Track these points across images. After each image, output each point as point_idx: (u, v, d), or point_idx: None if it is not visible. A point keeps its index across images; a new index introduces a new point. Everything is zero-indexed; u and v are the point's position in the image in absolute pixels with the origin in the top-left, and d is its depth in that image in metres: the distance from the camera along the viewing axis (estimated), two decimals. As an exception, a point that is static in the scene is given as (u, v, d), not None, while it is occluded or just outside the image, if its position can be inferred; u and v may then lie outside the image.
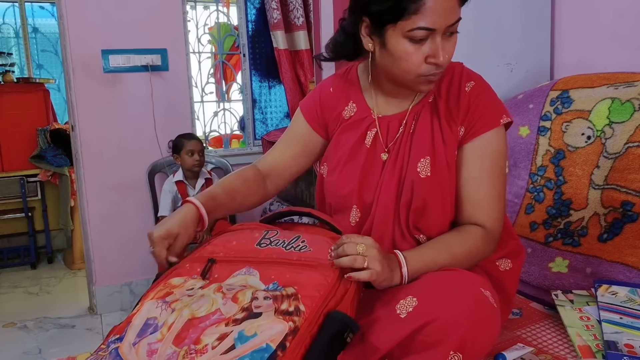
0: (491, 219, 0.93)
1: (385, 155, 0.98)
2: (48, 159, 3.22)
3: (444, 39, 0.86)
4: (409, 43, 0.86)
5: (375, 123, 1.00)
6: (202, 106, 2.93)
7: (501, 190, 0.95)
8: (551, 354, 0.94)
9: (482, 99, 0.94)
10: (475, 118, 0.93)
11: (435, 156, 0.94)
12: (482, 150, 0.94)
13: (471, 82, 0.96)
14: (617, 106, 1.27)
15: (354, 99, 1.03)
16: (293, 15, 3.16)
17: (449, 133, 0.94)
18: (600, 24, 1.56)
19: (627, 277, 1.12)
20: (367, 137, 1.00)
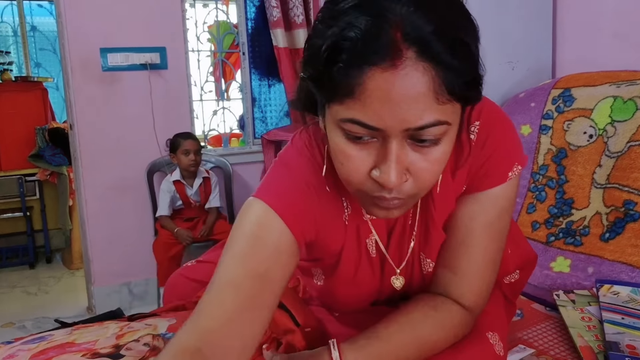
0: (472, 296, 0.71)
1: (399, 281, 0.76)
2: (46, 158, 3.21)
3: (411, 148, 0.55)
4: (345, 140, 0.55)
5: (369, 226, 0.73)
6: (201, 105, 2.92)
7: (493, 256, 0.73)
8: (552, 355, 0.93)
9: (490, 145, 0.69)
10: (478, 175, 0.70)
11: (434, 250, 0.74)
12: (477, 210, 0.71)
13: (476, 122, 0.68)
14: (619, 105, 1.26)
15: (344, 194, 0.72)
16: (293, 13, 3.14)
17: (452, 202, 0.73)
18: (602, 22, 1.55)
19: (629, 277, 1.11)
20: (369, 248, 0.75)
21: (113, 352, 0.68)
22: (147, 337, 0.73)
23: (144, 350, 0.69)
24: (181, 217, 2.49)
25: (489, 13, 1.56)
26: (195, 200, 2.51)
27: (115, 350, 0.69)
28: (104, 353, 0.68)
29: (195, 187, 2.49)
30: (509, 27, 1.61)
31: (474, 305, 0.72)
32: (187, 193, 2.48)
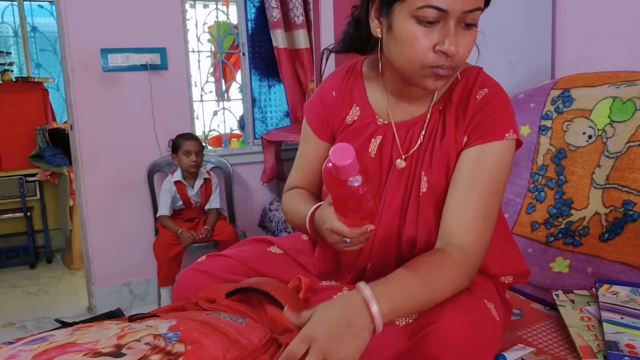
0: (469, 242, 0.81)
1: (403, 163, 0.90)
2: (47, 158, 3.21)
3: (459, 30, 0.77)
4: (417, 25, 0.77)
5: (381, 130, 0.92)
6: (201, 105, 2.93)
7: (490, 209, 0.84)
8: (552, 354, 0.94)
9: (491, 108, 0.85)
10: (478, 125, 0.85)
11: (432, 172, 0.87)
12: (479, 160, 0.84)
13: (485, 89, 0.87)
14: (618, 105, 1.26)
15: (358, 101, 0.95)
16: (293, 13, 3.15)
17: (452, 143, 0.87)
18: (601, 23, 1.55)
19: (628, 277, 1.11)
20: (372, 145, 0.92)
21: (114, 351, 0.69)
22: (148, 337, 0.73)
23: (145, 349, 0.69)
24: (181, 218, 2.49)
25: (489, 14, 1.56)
26: (196, 201, 2.51)
27: (117, 350, 0.69)
28: (106, 352, 0.68)
29: (196, 187, 2.50)
30: (508, 28, 1.61)
31: (473, 248, 0.81)
32: (188, 193, 2.49)
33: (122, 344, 0.70)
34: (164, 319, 0.82)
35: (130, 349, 0.68)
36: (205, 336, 0.74)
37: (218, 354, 0.71)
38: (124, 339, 0.72)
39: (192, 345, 0.71)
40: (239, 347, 0.74)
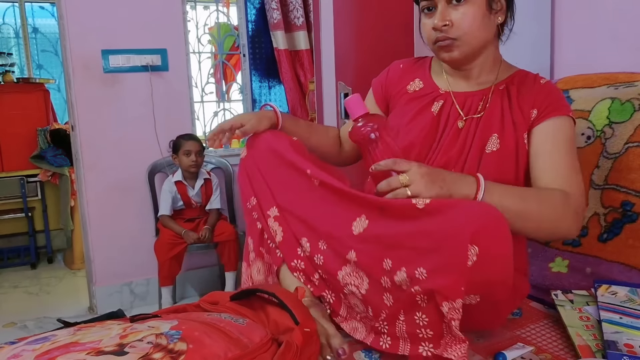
0: (572, 186, 0.92)
1: (462, 123, 1.02)
2: (48, 159, 3.22)
3: (448, 7, 0.96)
4: (423, 15, 0.99)
5: (443, 97, 1.06)
6: (202, 106, 2.93)
7: (575, 163, 0.96)
8: (551, 353, 0.94)
9: (556, 91, 1.01)
10: (548, 102, 0.98)
11: (504, 134, 0.98)
12: (555, 130, 0.97)
13: (545, 79, 1.03)
14: (617, 106, 1.27)
15: (421, 76, 1.11)
16: (293, 15, 3.16)
17: (519, 115, 0.99)
18: (600, 24, 1.56)
19: (627, 277, 1.12)
20: (434, 106, 1.05)
21: (117, 350, 0.69)
22: (150, 336, 0.73)
23: (148, 347, 0.70)
24: (182, 218, 2.50)
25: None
26: (197, 201, 2.52)
27: (119, 349, 0.69)
28: (108, 351, 0.69)
29: (197, 188, 2.51)
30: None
31: (573, 193, 0.92)
32: (189, 194, 2.49)
33: (125, 343, 0.70)
34: (165, 320, 0.83)
35: (132, 347, 0.69)
36: (207, 335, 0.75)
37: (219, 352, 0.72)
38: (126, 339, 0.72)
39: (193, 343, 0.72)
40: (240, 346, 0.75)
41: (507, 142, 0.98)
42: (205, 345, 0.72)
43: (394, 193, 0.82)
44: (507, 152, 0.98)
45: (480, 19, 0.97)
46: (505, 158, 0.98)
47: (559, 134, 0.97)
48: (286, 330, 0.84)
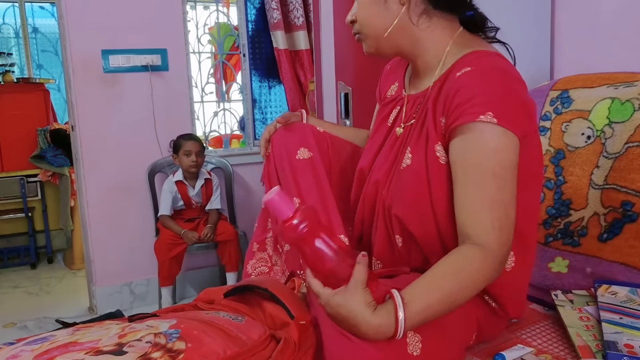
0: (482, 233, 0.76)
1: (400, 130, 0.95)
2: (48, 159, 3.22)
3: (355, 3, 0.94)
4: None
5: (400, 102, 0.99)
6: (202, 106, 2.93)
7: (496, 197, 0.77)
8: (551, 354, 0.94)
9: (467, 86, 0.80)
10: (452, 107, 0.81)
11: (417, 147, 0.87)
12: (464, 149, 0.80)
13: (468, 68, 0.82)
14: (617, 106, 1.27)
15: (398, 78, 1.04)
16: (293, 15, 3.16)
17: (431, 124, 0.86)
18: (600, 24, 1.56)
19: (627, 277, 1.12)
20: (391, 115, 1.00)
21: (116, 349, 0.69)
22: (149, 336, 0.74)
23: (147, 346, 0.70)
24: (182, 218, 2.50)
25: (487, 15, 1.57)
26: (197, 201, 2.52)
27: (118, 348, 0.69)
28: (107, 350, 0.69)
29: (197, 188, 2.50)
30: (507, 29, 1.61)
31: (486, 242, 0.76)
32: (189, 194, 2.49)
33: (124, 343, 0.71)
34: (163, 319, 0.83)
35: (131, 347, 0.69)
36: (206, 334, 0.75)
37: (218, 350, 0.72)
38: (125, 338, 0.72)
39: (192, 342, 0.72)
40: (239, 343, 0.75)
41: (418, 157, 0.87)
42: (204, 343, 0.72)
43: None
44: (417, 169, 0.86)
45: (372, 5, 0.89)
46: (415, 175, 0.86)
47: (465, 154, 0.80)
48: (283, 324, 0.85)
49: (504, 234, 0.78)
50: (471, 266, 0.75)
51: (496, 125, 0.78)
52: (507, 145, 0.79)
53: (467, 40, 0.92)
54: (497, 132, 0.78)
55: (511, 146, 0.79)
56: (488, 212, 0.77)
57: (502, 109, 0.79)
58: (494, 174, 0.78)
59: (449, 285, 0.74)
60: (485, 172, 0.78)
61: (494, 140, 0.78)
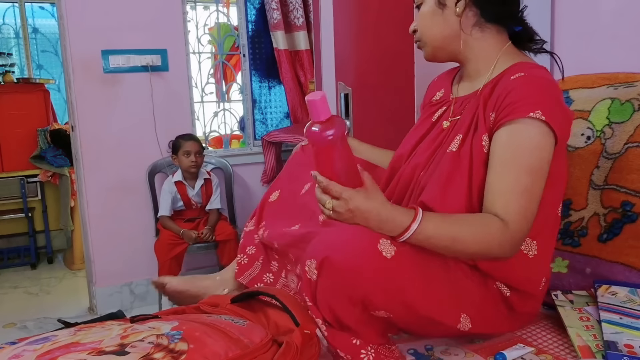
0: (509, 213, 0.85)
1: (447, 123, 1.03)
2: (48, 159, 3.22)
3: (417, 13, 1.04)
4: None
5: (448, 103, 1.07)
6: (202, 106, 2.93)
7: (529, 187, 0.87)
8: (551, 354, 0.94)
9: (520, 87, 0.90)
10: (507, 103, 0.90)
11: (466, 136, 0.95)
12: (507, 139, 0.89)
13: (521, 73, 0.92)
14: (616, 106, 1.27)
15: (445, 86, 1.12)
16: (293, 15, 3.16)
17: (482, 118, 0.95)
18: (600, 25, 1.56)
19: (627, 277, 1.12)
20: (437, 113, 1.07)
21: (118, 349, 0.69)
22: (151, 337, 0.74)
23: (149, 347, 0.70)
24: (182, 218, 2.50)
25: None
26: (197, 202, 2.52)
27: (121, 348, 0.70)
28: (109, 351, 0.69)
29: (197, 188, 2.51)
30: (508, 29, 1.62)
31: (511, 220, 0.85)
32: (189, 194, 2.49)
33: (126, 343, 0.71)
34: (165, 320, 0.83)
35: (133, 347, 0.69)
36: (207, 335, 0.75)
37: (220, 352, 0.72)
38: (127, 339, 0.72)
39: (194, 343, 0.72)
40: (241, 346, 0.75)
41: (465, 144, 0.95)
42: (206, 345, 0.72)
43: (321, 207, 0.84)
44: (462, 153, 0.94)
45: (431, 16, 1.01)
46: (460, 160, 0.94)
47: (509, 144, 0.89)
48: (287, 331, 0.85)
49: (526, 222, 0.87)
50: (488, 228, 0.85)
51: (543, 123, 0.87)
52: (547, 144, 0.89)
53: (515, 52, 1.03)
54: (543, 130, 0.88)
55: (550, 146, 0.89)
56: (518, 198, 0.86)
57: (551, 110, 0.88)
58: (531, 167, 0.88)
59: (462, 230, 0.84)
60: (524, 163, 0.87)
61: (538, 136, 0.88)
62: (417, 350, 0.97)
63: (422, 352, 0.97)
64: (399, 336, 1.03)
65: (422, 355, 0.96)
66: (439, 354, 0.96)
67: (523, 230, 0.87)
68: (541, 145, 0.88)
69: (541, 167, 0.89)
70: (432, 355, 0.96)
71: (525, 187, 0.87)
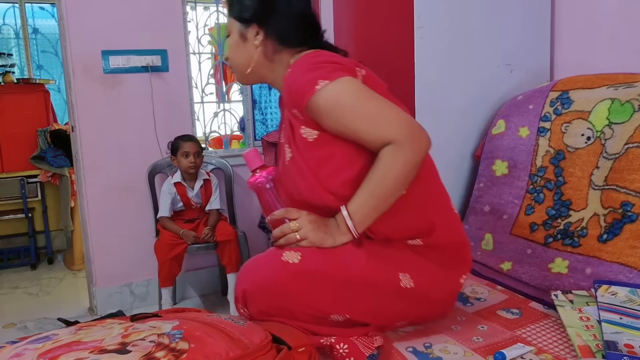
0: (387, 135, 0.94)
1: (282, 139, 1.10)
2: (48, 159, 3.22)
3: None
4: None
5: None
6: (202, 107, 2.93)
7: (377, 107, 0.96)
8: (551, 353, 0.95)
9: (291, 81, 0.99)
10: (293, 97, 0.98)
11: (289, 141, 1.03)
12: (323, 112, 0.95)
13: (288, 70, 1.02)
14: (616, 107, 1.27)
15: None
16: (293, 16, 3.16)
17: (292, 117, 1.02)
18: (600, 25, 1.56)
19: (627, 278, 1.12)
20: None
21: (120, 348, 0.70)
22: (152, 336, 0.74)
23: (150, 346, 0.70)
24: (182, 219, 2.50)
25: (488, 16, 1.58)
26: (196, 202, 2.52)
27: (122, 347, 0.70)
28: (111, 349, 0.69)
29: (196, 189, 2.50)
30: (507, 30, 1.62)
31: (395, 137, 0.94)
32: (188, 195, 2.49)
33: (127, 342, 0.71)
34: (166, 320, 0.83)
35: (135, 346, 0.70)
36: (208, 335, 0.75)
37: (221, 352, 0.72)
38: (128, 338, 0.73)
39: (195, 343, 0.72)
40: (241, 346, 0.76)
41: (291, 146, 1.02)
42: (207, 344, 0.73)
43: (286, 238, 0.97)
44: (296, 160, 1.01)
45: (235, 48, 1.10)
46: (296, 164, 1.01)
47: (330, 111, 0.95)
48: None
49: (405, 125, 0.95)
50: (389, 158, 0.94)
51: (332, 82, 0.95)
52: (348, 84, 0.96)
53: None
54: (340, 85, 0.95)
55: (349, 83, 0.96)
56: (383, 120, 0.95)
57: (327, 72, 0.96)
58: (360, 100, 0.96)
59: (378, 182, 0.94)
60: (352, 103, 0.95)
61: (343, 85, 0.95)
62: (416, 348, 0.98)
63: (421, 350, 0.97)
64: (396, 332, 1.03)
65: (421, 353, 0.96)
66: (438, 352, 0.96)
67: (412, 130, 0.95)
68: (352, 87, 0.96)
69: (368, 91, 0.97)
70: (431, 353, 0.96)
71: (377, 110, 0.96)
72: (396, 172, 0.94)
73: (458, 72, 1.55)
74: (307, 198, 1.01)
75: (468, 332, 1.04)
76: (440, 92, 1.53)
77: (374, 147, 0.96)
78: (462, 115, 1.60)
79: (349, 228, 0.96)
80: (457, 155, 1.62)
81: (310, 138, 0.99)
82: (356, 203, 0.95)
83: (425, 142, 0.97)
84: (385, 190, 0.94)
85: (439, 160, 1.09)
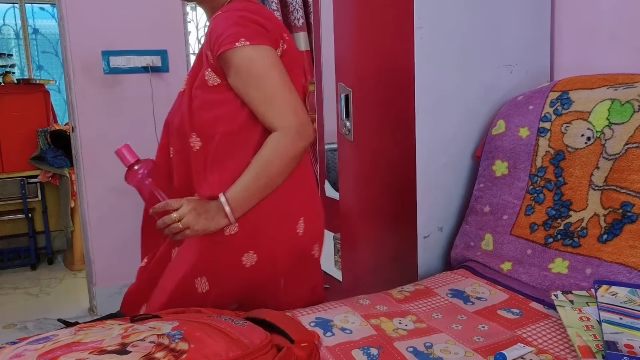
0: (276, 118, 0.98)
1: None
2: (48, 160, 3.22)
3: None
4: None
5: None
6: (202, 107, 2.94)
7: (274, 91, 0.99)
8: (552, 353, 0.94)
9: (216, 23, 1.01)
10: (213, 42, 1.00)
11: (190, 76, 1.10)
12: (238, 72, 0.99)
13: (219, 12, 1.03)
14: (616, 107, 1.27)
15: None
16: (293, 16, 3.16)
17: (203, 57, 1.05)
18: (600, 25, 1.56)
19: (627, 278, 1.12)
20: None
21: (120, 349, 0.70)
22: (152, 336, 0.74)
23: (150, 346, 0.71)
24: (182, 219, 2.50)
25: (487, 16, 1.58)
26: (197, 202, 2.52)
27: (122, 348, 0.70)
28: (111, 350, 0.69)
29: (197, 188, 2.51)
30: (507, 30, 1.62)
31: (278, 124, 0.99)
32: (189, 195, 2.50)
33: (127, 343, 0.71)
34: (166, 320, 0.83)
35: (135, 346, 0.70)
36: (208, 335, 0.75)
37: (221, 352, 0.72)
38: (128, 339, 0.73)
39: (195, 343, 0.72)
40: (241, 346, 0.76)
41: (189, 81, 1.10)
42: (207, 345, 0.73)
43: (169, 228, 1.02)
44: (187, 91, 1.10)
45: None
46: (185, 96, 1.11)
47: (238, 72, 0.99)
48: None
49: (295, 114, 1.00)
50: (273, 146, 0.99)
51: (250, 47, 0.98)
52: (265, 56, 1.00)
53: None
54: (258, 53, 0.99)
55: (266, 54, 1.00)
56: (274, 103, 0.99)
57: (251, 33, 0.99)
58: (264, 78, 1.00)
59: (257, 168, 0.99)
60: (258, 81, 0.99)
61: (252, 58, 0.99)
62: (417, 348, 0.97)
63: (422, 349, 0.97)
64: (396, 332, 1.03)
65: (422, 353, 0.96)
66: (439, 352, 0.96)
67: (296, 121, 0.99)
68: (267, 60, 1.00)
69: (279, 70, 1.00)
70: (432, 353, 0.96)
71: (277, 92, 0.99)
72: (279, 160, 0.99)
73: (458, 72, 1.55)
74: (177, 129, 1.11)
75: (469, 332, 1.04)
76: (440, 93, 1.53)
77: (263, 122, 1.01)
78: (462, 115, 1.60)
79: (226, 213, 1.00)
80: (457, 155, 1.62)
81: (210, 82, 1.04)
82: (235, 189, 1.00)
83: (310, 137, 1.02)
84: (268, 176, 0.99)
85: (439, 160, 1.09)
